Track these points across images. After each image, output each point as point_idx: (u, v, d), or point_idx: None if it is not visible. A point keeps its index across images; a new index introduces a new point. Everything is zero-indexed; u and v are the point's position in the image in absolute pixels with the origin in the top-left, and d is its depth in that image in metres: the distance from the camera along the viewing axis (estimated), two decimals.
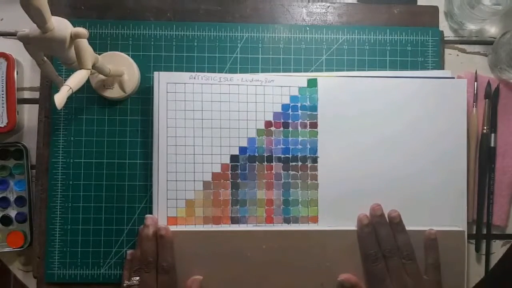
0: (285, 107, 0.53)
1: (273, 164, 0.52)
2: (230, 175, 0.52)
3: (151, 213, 0.51)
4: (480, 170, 0.54)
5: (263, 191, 0.52)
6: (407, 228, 0.51)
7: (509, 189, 0.54)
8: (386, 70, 0.55)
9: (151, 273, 0.48)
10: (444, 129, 0.53)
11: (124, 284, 0.48)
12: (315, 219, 0.52)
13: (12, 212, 0.53)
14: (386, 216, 0.50)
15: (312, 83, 0.53)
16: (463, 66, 0.56)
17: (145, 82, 0.54)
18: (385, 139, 0.53)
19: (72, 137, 0.53)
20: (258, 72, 0.54)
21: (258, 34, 0.55)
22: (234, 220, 0.52)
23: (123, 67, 0.52)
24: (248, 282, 0.50)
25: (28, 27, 0.37)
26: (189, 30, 0.54)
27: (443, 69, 0.55)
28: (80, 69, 0.40)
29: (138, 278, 0.48)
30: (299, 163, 0.52)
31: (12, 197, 0.53)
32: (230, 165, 0.52)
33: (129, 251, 0.51)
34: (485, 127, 0.54)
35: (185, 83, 0.52)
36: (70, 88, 0.39)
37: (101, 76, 0.50)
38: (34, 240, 0.52)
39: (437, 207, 0.52)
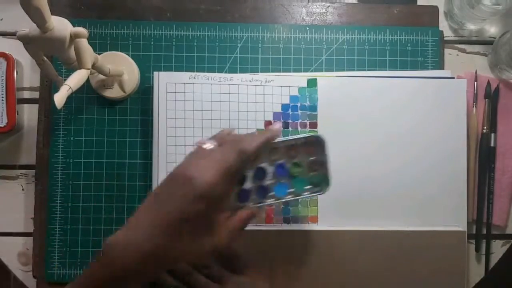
0: (285, 107, 0.53)
1: None
2: None
3: None
4: (480, 170, 0.54)
5: None
6: (406, 228, 0.51)
7: (509, 189, 0.54)
8: (386, 70, 0.55)
9: None
10: (444, 129, 0.53)
11: None
12: (315, 219, 0.52)
13: None
14: None
15: (312, 83, 0.53)
16: (463, 66, 0.56)
17: (145, 82, 0.54)
18: (384, 139, 0.52)
19: (72, 137, 0.53)
20: (258, 72, 0.54)
21: (258, 34, 0.55)
22: None
23: (123, 67, 0.52)
24: None
25: (28, 27, 0.37)
26: (189, 30, 0.54)
27: (443, 69, 0.55)
28: (80, 68, 0.40)
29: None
30: None
31: None
32: None
33: None
34: (485, 127, 0.54)
35: (185, 83, 0.52)
36: (70, 87, 0.39)
37: (101, 76, 0.50)
38: (34, 240, 0.52)
39: (437, 207, 0.52)
